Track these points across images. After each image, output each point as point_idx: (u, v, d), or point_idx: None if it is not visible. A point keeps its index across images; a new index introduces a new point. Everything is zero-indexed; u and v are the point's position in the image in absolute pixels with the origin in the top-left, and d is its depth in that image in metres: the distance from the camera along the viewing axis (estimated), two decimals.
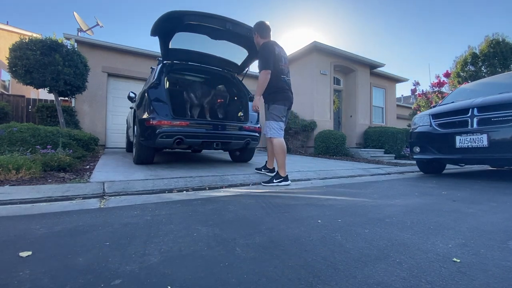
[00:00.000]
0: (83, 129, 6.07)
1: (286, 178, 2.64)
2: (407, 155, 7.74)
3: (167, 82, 3.79)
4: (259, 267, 0.83)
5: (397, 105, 11.67)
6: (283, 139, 2.71)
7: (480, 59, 10.02)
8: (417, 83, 8.54)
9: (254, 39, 2.84)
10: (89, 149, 4.26)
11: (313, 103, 7.73)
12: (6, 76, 11.66)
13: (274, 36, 2.83)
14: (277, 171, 2.67)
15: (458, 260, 0.89)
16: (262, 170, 3.03)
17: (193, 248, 0.98)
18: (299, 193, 2.20)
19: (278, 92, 2.70)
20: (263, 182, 2.68)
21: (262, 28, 2.74)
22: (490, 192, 2.33)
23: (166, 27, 2.86)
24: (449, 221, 1.37)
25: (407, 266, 0.85)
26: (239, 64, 3.92)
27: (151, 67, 3.90)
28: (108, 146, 7.05)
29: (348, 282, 0.74)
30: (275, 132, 2.68)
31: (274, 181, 2.60)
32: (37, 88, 4.77)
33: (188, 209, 1.57)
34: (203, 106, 3.94)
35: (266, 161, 3.00)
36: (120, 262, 0.85)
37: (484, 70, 9.95)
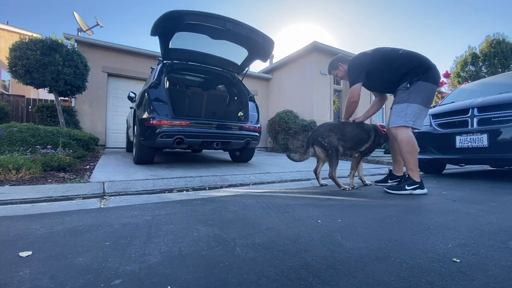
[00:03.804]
0: (83, 129, 6.07)
1: (421, 185, 2.11)
2: None
3: (167, 82, 3.79)
4: (259, 267, 0.83)
5: None
6: (410, 131, 2.07)
7: (480, 59, 10.03)
8: None
9: (340, 74, 2.45)
10: (89, 149, 4.26)
11: (313, 103, 7.73)
12: (6, 76, 11.66)
13: (272, 32, 2.74)
14: (408, 175, 2.14)
15: (458, 260, 0.89)
16: (389, 181, 2.34)
17: (193, 248, 0.98)
18: (299, 193, 2.20)
19: (421, 66, 2.01)
20: (387, 188, 2.17)
21: (341, 57, 2.42)
22: (490, 192, 2.33)
23: (166, 27, 2.86)
24: (449, 221, 1.37)
25: (407, 266, 0.85)
26: (239, 64, 3.92)
27: (151, 67, 3.91)
28: (108, 146, 7.05)
29: (348, 282, 0.74)
30: (400, 118, 2.01)
31: (407, 187, 2.09)
32: (37, 88, 4.77)
33: (188, 209, 1.57)
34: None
35: (390, 170, 2.32)
36: (120, 262, 0.85)
37: (484, 70, 9.97)
